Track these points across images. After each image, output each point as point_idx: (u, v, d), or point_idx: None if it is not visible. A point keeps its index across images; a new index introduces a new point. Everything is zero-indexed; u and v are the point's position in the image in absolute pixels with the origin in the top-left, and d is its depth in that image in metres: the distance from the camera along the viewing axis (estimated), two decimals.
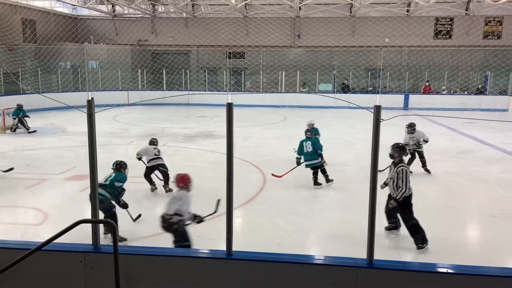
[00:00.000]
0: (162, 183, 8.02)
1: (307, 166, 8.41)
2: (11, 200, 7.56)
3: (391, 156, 5.96)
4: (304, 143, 8.40)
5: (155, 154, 8.06)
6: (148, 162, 8.05)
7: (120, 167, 6.29)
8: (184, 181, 5.12)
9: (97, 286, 3.63)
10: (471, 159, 11.37)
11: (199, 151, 12.03)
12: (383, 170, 7.38)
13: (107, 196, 5.89)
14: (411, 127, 9.43)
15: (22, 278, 3.68)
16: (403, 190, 5.63)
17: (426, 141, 9.55)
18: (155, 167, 7.98)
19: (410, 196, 5.70)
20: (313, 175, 8.42)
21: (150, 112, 20.68)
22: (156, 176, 8.11)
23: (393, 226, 6.15)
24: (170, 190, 7.59)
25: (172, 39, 27.82)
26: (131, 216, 6.33)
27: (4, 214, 6.87)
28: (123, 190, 6.15)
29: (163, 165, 8.01)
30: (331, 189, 8.46)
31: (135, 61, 26.72)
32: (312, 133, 9.43)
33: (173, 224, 4.88)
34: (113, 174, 6.16)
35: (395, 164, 5.92)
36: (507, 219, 6.83)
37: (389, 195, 5.95)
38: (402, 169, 5.69)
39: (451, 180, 9.21)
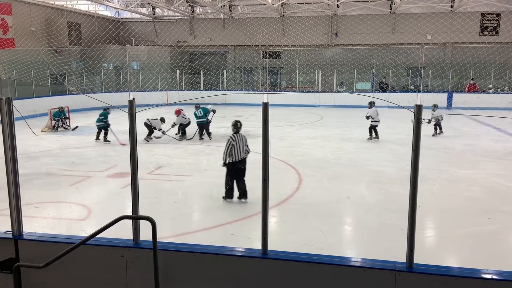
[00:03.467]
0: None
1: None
2: (57, 196, 7.94)
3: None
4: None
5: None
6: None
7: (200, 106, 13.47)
8: None
9: (137, 281, 3.75)
10: None
11: None
12: None
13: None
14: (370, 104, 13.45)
15: (67, 271, 3.86)
16: (223, 157, 7.22)
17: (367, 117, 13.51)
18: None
19: (233, 163, 7.21)
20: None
21: (188, 111, 20.99)
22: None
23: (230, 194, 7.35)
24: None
25: (209, 40, 28.22)
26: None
27: (50, 209, 7.22)
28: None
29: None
30: (369, 190, 8.30)
31: (174, 62, 27.31)
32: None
33: None
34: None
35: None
36: None
37: None
38: (227, 140, 7.26)
39: (497, 182, 8.78)
